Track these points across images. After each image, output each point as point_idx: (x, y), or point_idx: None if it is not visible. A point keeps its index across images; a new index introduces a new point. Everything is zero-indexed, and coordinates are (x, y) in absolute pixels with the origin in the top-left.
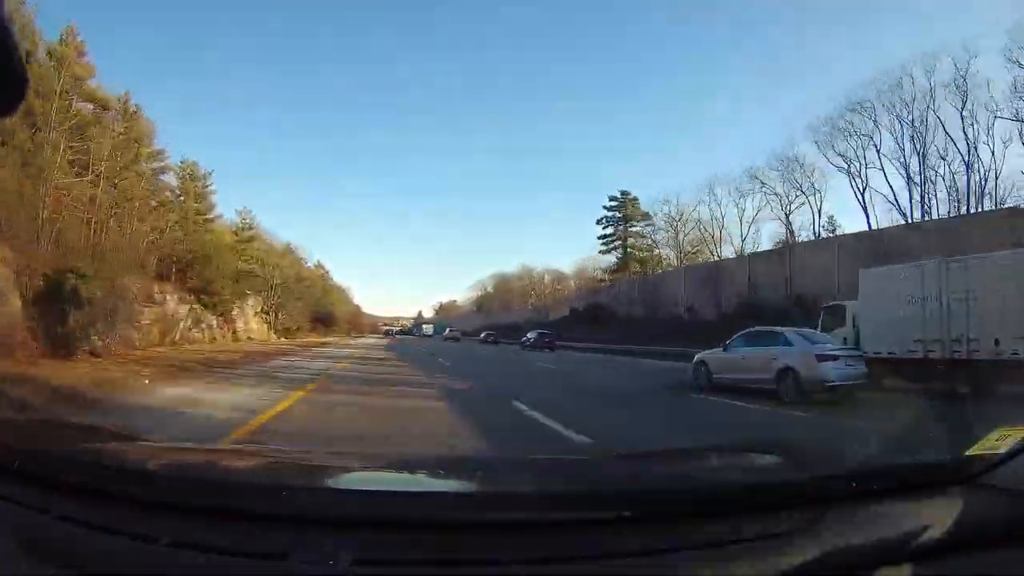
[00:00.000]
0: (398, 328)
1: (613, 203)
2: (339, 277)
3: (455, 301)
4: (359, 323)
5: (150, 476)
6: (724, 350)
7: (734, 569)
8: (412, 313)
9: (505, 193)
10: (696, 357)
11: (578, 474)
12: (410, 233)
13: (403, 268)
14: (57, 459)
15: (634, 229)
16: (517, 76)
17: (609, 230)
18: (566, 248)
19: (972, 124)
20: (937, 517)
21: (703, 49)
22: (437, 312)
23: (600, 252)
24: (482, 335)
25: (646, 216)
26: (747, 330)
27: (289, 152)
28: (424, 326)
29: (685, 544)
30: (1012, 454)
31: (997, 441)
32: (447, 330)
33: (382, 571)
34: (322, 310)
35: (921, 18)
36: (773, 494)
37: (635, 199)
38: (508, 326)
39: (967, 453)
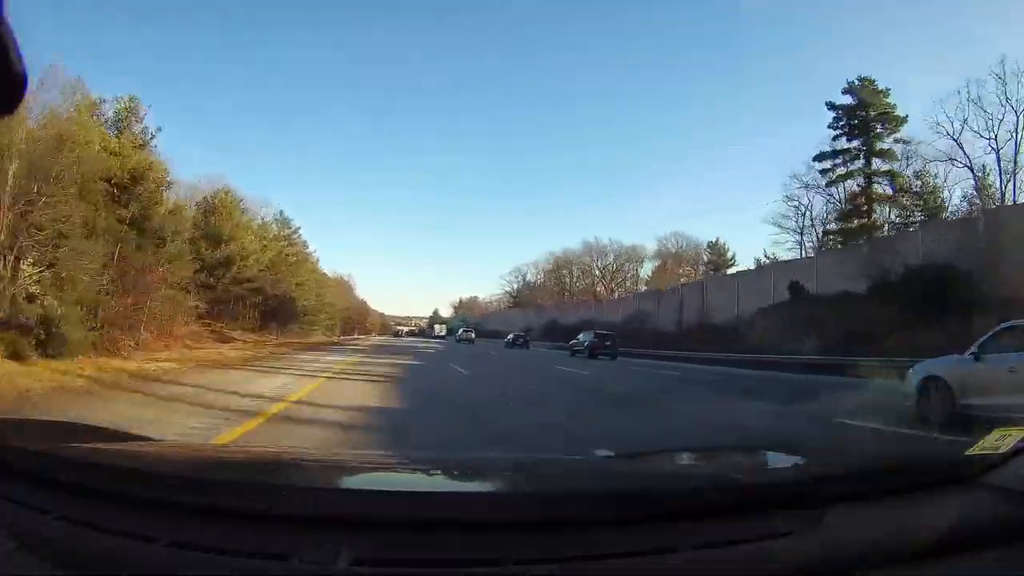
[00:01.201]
0: (408, 329)
1: (848, 100)
2: (361, 280)
3: (477, 297)
4: (363, 321)
5: (150, 476)
6: (976, 358)
7: (734, 569)
8: (431, 312)
9: (525, 185)
10: (920, 370)
11: (578, 474)
12: (426, 230)
13: (420, 266)
14: (57, 459)
15: (883, 147)
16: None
17: (842, 142)
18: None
19: None
20: (937, 517)
21: None
22: (456, 309)
23: (825, 183)
24: (509, 337)
25: (898, 122)
26: (1013, 323)
27: (295, 147)
28: (436, 326)
29: (685, 544)
30: (1012, 454)
31: (997, 441)
32: (460, 331)
33: (382, 571)
34: (279, 295)
35: None
36: (773, 494)
37: (886, 92)
38: (576, 325)
39: (967, 453)
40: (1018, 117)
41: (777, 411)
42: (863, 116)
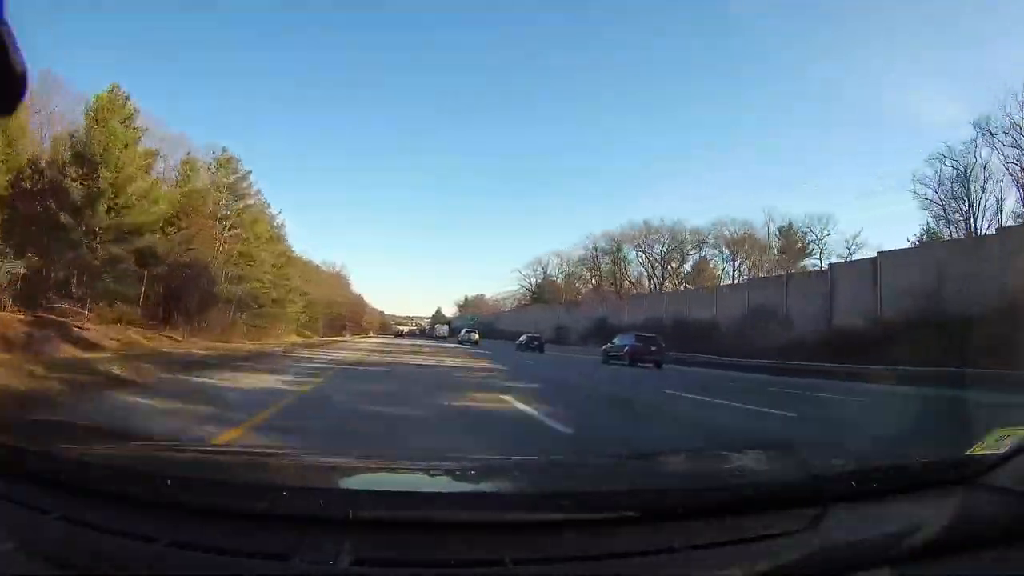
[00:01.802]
0: (409, 329)
1: None
2: (363, 280)
3: (483, 295)
4: (357, 319)
5: (150, 476)
6: None
7: (735, 569)
8: (434, 311)
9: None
10: None
11: (578, 474)
12: (427, 229)
13: (421, 265)
14: (57, 459)
15: None
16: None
17: None
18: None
19: None
20: (937, 517)
21: None
22: (461, 308)
23: None
24: (522, 338)
25: None
26: None
27: (295, 147)
28: (438, 326)
29: (685, 544)
30: (1012, 454)
31: (997, 441)
32: (463, 331)
33: (382, 571)
34: (189, 264)
35: None
36: (773, 494)
37: None
38: (641, 324)
39: (967, 453)
40: None
41: None
42: None
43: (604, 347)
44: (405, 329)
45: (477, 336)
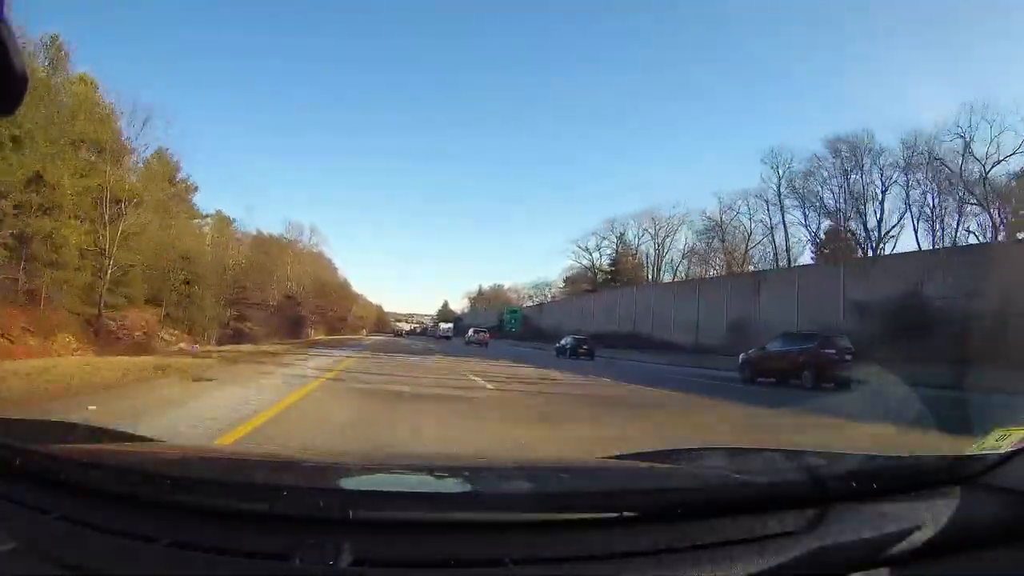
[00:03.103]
0: (410, 327)
1: None
2: (366, 281)
3: (503, 286)
4: (338, 312)
5: (150, 476)
6: None
7: (734, 569)
8: (441, 305)
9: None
10: None
11: (578, 474)
12: (428, 227)
13: (425, 262)
14: (57, 459)
15: None
16: None
17: None
18: None
19: None
20: (937, 517)
21: None
22: (474, 301)
23: None
24: (564, 341)
25: None
26: None
27: (293, 143)
28: (442, 325)
29: (685, 544)
30: (1012, 454)
31: (997, 441)
32: (470, 331)
33: (382, 571)
34: None
35: None
36: (773, 494)
37: None
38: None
39: (967, 453)
40: None
41: None
42: None
43: (745, 356)
44: (406, 327)
45: (487, 335)
